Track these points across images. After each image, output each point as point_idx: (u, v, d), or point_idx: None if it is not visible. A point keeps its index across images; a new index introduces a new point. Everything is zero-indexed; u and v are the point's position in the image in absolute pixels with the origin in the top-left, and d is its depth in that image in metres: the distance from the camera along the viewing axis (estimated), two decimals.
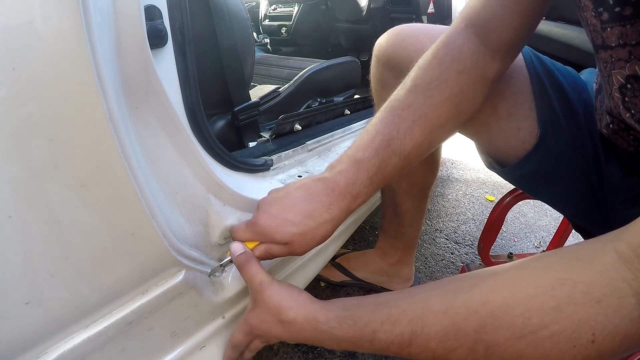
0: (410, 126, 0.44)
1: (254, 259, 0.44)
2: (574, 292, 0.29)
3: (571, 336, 0.29)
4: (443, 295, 0.35)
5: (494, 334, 0.31)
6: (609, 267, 0.29)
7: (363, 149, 0.45)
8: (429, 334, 0.33)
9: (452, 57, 0.45)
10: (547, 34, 0.89)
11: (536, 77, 0.51)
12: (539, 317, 0.30)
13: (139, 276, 0.38)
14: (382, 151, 0.44)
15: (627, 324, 0.28)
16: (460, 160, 1.87)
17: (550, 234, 1.28)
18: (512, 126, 0.52)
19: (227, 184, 0.46)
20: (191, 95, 0.43)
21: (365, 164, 0.44)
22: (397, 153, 0.44)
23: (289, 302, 0.41)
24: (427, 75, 0.45)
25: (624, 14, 0.34)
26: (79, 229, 0.31)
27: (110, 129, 0.29)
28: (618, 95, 0.39)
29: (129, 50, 0.33)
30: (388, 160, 0.44)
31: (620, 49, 0.36)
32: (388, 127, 0.45)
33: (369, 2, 1.43)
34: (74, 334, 0.34)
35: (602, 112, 0.45)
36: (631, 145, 0.43)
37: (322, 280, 0.94)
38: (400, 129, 0.44)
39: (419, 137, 0.45)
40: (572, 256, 0.32)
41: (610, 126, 0.44)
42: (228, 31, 0.65)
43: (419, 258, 1.09)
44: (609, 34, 0.36)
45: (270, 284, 0.42)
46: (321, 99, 1.01)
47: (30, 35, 0.25)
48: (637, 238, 0.29)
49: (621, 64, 0.37)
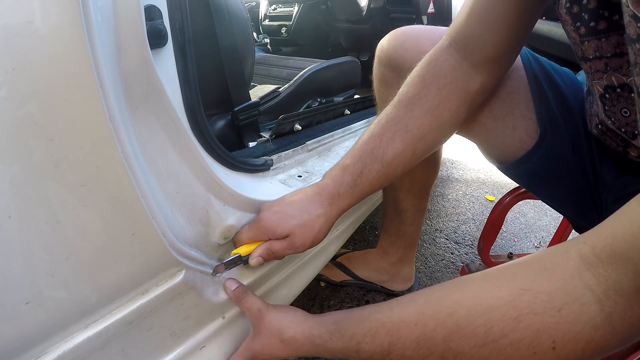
0: (392, 137, 0.49)
1: (248, 290, 0.49)
2: (535, 302, 0.31)
3: (531, 343, 0.30)
4: (416, 308, 0.38)
5: (460, 342, 0.33)
6: (572, 274, 0.30)
7: (350, 156, 0.51)
8: (404, 343, 0.37)
9: (433, 74, 0.49)
10: (547, 34, 0.89)
11: (533, 77, 0.53)
12: (500, 326, 0.31)
13: (139, 276, 0.38)
14: (365, 157, 0.49)
15: (589, 330, 0.29)
16: (460, 160, 1.87)
17: (550, 234, 1.28)
18: (508, 125, 0.54)
19: (227, 184, 0.46)
20: (191, 95, 0.43)
21: (350, 168, 0.50)
22: (379, 160, 0.49)
23: (287, 321, 0.46)
24: (410, 91, 0.50)
25: (598, 28, 0.36)
26: (79, 229, 0.31)
27: (110, 129, 0.29)
28: (600, 104, 0.41)
29: (129, 50, 0.33)
30: (371, 166, 0.49)
31: (597, 61, 0.38)
32: (373, 138, 0.50)
33: (369, 2, 1.42)
34: (74, 334, 0.34)
35: (592, 114, 0.46)
36: (619, 146, 0.44)
37: (323, 280, 0.94)
38: (383, 139, 0.49)
39: (400, 146, 0.49)
40: (537, 265, 0.33)
41: (599, 126, 0.45)
42: (228, 31, 0.65)
43: (419, 258, 1.09)
44: (587, 47, 0.38)
45: (267, 310, 0.47)
46: (321, 99, 1.01)
47: (30, 35, 0.25)
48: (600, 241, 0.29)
49: (599, 75, 0.39)
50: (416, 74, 0.51)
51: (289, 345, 0.45)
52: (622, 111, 0.39)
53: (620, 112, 0.39)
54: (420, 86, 0.49)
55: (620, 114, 0.39)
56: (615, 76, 0.37)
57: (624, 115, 0.39)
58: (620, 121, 0.40)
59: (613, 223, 0.29)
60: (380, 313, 0.40)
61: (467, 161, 1.85)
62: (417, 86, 0.50)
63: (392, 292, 0.92)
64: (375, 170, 0.49)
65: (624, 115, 0.39)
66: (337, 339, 0.42)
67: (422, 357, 0.36)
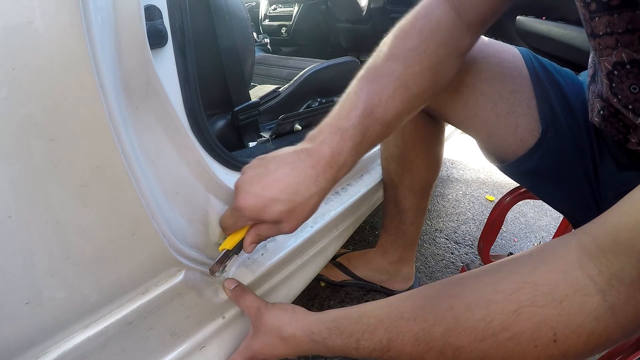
0: (392, 94, 0.44)
1: (247, 289, 0.49)
2: (535, 294, 0.30)
3: (532, 337, 0.30)
4: (414, 303, 0.38)
5: (459, 337, 0.33)
6: (573, 265, 0.29)
7: (345, 118, 0.43)
8: (404, 339, 0.36)
9: (430, 29, 0.45)
10: (547, 34, 0.89)
11: (536, 76, 0.53)
12: (499, 320, 0.31)
13: (139, 276, 0.38)
14: (365, 119, 0.43)
15: (591, 322, 0.28)
16: (460, 160, 1.87)
17: (550, 234, 1.28)
18: (511, 124, 0.54)
19: (227, 184, 0.46)
20: (191, 95, 0.43)
21: (350, 132, 0.43)
22: (380, 121, 0.44)
23: (286, 319, 0.45)
24: (406, 44, 0.45)
25: (611, 4, 0.36)
26: (79, 229, 0.31)
27: (110, 129, 0.29)
28: (606, 82, 0.41)
29: (129, 50, 0.33)
30: (372, 128, 0.44)
31: (608, 37, 0.38)
32: (370, 96, 0.44)
33: (369, 2, 1.42)
34: (74, 334, 0.34)
35: (594, 100, 0.47)
36: (620, 132, 0.44)
37: (323, 280, 0.94)
38: (382, 97, 0.44)
39: (400, 104, 0.45)
40: (537, 257, 0.32)
41: (602, 112, 0.45)
42: (228, 31, 0.65)
43: (419, 258, 1.09)
44: (597, 23, 0.38)
45: (266, 308, 0.46)
46: (321, 99, 1.01)
47: (30, 35, 0.25)
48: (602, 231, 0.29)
49: (608, 52, 0.39)
50: (410, 25, 0.46)
51: (289, 343, 0.44)
52: (631, 87, 0.39)
53: (629, 88, 0.40)
54: (417, 40, 0.45)
55: (629, 90, 0.40)
56: (626, 52, 0.37)
57: (633, 92, 0.39)
58: (628, 98, 0.40)
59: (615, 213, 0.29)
60: (379, 310, 0.40)
61: (467, 161, 1.85)
62: (413, 39, 0.45)
63: (392, 291, 0.92)
64: (376, 132, 0.45)
65: (633, 92, 0.39)
66: (337, 336, 0.41)
67: (421, 352, 0.35)
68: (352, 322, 0.41)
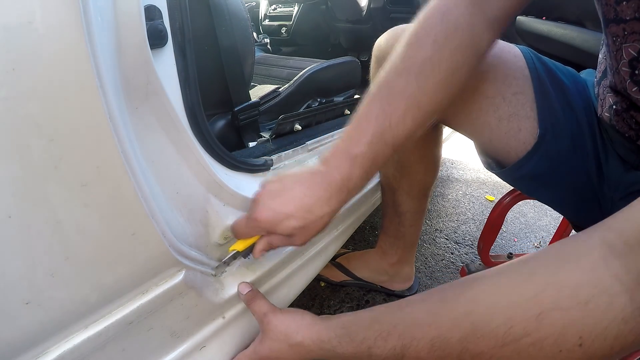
0: (403, 116, 0.43)
1: (259, 294, 0.49)
2: (559, 296, 0.28)
3: (556, 342, 0.28)
4: (429, 308, 0.36)
5: (477, 343, 0.31)
6: (598, 263, 0.28)
7: (356, 144, 0.44)
8: (418, 346, 0.34)
9: (447, 33, 0.43)
10: (547, 34, 0.89)
11: (537, 77, 0.52)
12: (521, 325, 0.29)
13: (139, 276, 0.38)
14: (375, 145, 0.44)
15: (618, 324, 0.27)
16: (460, 160, 1.87)
17: (550, 234, 1.28)
18: (513, 127, 0.52)
19: (227, 184, 0.46)
20: (191, 95, 0.43)
21: (360, 159, 0.44)
22: (389, 144, 0.44)
23: (294, 326, 0.44)
24: (418, 55, 0.43)
25: None
26: (79, 229, 0.31)
27: (110, 129, 0.29)
28: (627, 69, 0.39)
29: (129, 50, 0.33)
30: (381, 153, 0.44)
31: (636, 22, 0.36)
32: (379, 120, 0.44)
33: (369, 2, 1.42)
34: (74, 334, 0.34)
35: (605, 95, 0.45)
36: (632, 129, 0.43)
37: (323, 280, 0.94)
38: (392, 120, 0.43)
39: (411, 125, 0.44)
40: (558, 256, 0.31)
41: (614, 107, 0.43)
42: (228, 31, 0.65)
43: (419, 258, 1.09)
44: (624, 7, 0.36)
45: (274, 314, 0.46)
46: (321, 99, 1.01)
47: (30, 35, 0.25)
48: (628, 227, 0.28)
49: (635, 37, 0.37)
50: (424, 32, 0.44)
51: (297, 350, 0.43)
52: None
53: None
54: (431, 49, 0.42)
55: None
56: None
57: None
58: None
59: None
60: (391, 314, 0.38)
61: (467, 161, 1.85)
62: (427, 48, 0.43)
63: (392, 291, 0.92)
64: (386, 156, 0.45)
65: None
66: (347, 344, 0.40)
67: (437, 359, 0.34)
68: (363, 328, 0.39)
